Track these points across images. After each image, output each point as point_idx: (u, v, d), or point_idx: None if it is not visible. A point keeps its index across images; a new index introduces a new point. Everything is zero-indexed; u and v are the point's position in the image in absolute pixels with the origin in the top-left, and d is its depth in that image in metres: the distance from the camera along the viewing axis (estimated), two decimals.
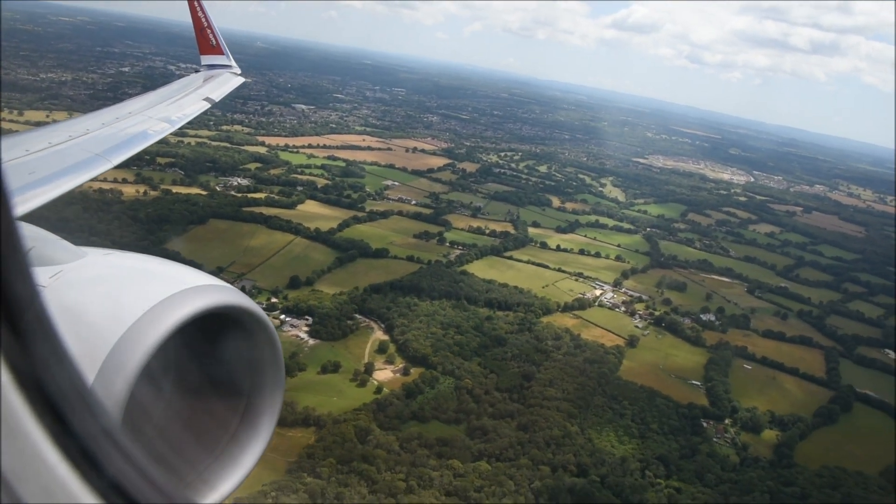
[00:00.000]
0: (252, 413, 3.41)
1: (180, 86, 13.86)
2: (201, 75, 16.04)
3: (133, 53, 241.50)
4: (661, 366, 69.92)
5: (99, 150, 7.55)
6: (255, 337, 3.31)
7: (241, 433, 3.39)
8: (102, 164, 7.27)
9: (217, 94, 14.12)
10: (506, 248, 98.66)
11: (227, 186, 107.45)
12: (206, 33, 17.12)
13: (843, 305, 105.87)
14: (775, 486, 51.30)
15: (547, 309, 78.00)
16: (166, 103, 11.60)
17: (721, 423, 61.27)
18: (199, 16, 17.09)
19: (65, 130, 7.97)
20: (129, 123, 9.49)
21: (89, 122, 8.73)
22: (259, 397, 3.41)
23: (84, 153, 7.32)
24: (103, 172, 7.32)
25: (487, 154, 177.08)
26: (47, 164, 6.49)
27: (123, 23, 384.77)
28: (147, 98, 11.70)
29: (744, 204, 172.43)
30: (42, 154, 6.79)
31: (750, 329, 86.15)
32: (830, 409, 66.57)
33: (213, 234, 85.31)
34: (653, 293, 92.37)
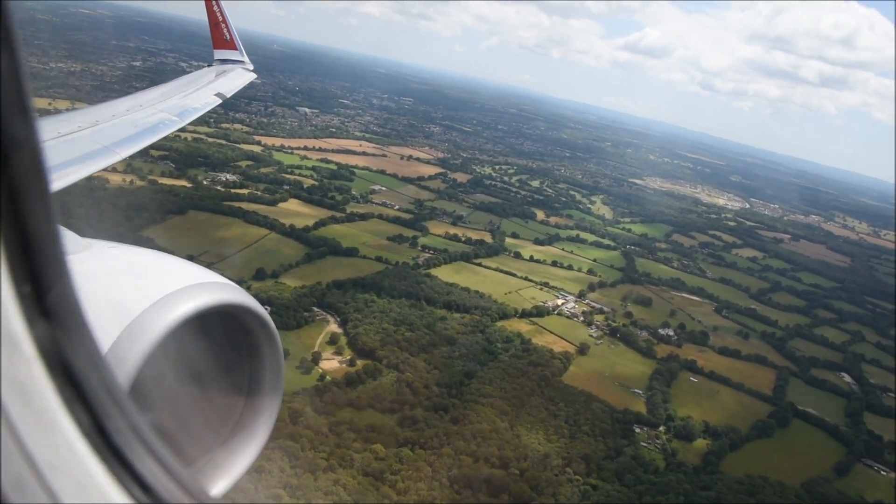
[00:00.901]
0: (254, 406, 3.52)
1: (192, 79, 13.95)
2: (213, 70, 16.04)
3: (147, 49, 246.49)
4: (606, 373, 71.90)
5: (108, 142, 7.60)
6: (256, 334, 3.40)
7: (246, 422, 3.50)
8: (111, 155, 7.33)
9: (229, 89, 14.11)
10: (477, 255, 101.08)
11: (214, 181, 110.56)
12: (221, 28, 17.11)
13: (809, 330, 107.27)
14: (692, 490, 53.15)
15: (504, 314, 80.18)
16: (177, 97, 11.66)
17: (655, 429, 63.18)
18: (214, 10, 17.14)
19: (75, 120, 8.06)
20: (140, 116, 9.50)
21: (99, 113, 8.76)
22: (260, 393, 3.52)
23: (93, 144, 7.37)
24: (111, 164, 7.36)
25: (482, 166, 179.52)
26: (56, 153, 6.53)
27: (144, 18, 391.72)
28: (158, 91, 11.83)
29: (732, 228, 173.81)
30: (51, 143, 6.83)
31: (707, 346, 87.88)
32: (767, 423, 68.35)
33: (189, 225, 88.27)
34: (616, 306, 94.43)
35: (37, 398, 1.44)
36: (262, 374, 3.51)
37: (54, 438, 1.46)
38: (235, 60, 16.97)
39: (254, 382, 3.53)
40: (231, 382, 3.53)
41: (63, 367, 1.49)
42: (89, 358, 1.60)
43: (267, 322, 3.38)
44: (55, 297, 1.49)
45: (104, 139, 7.60)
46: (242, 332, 3.40)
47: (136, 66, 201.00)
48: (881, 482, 63.74)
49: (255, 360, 3.49)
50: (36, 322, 1.44)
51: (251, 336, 3.41)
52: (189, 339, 3.16)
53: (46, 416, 1.45)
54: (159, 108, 10.18)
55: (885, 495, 60.69)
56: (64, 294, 1.54)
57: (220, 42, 16.98)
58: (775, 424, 68.60)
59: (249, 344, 3.44)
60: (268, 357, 3.48)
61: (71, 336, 1.53)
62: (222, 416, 3.51)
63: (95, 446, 1.52)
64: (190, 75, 14.75)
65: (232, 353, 3.49)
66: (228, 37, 17.02)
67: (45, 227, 1.44)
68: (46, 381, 1.45)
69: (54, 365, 1.47)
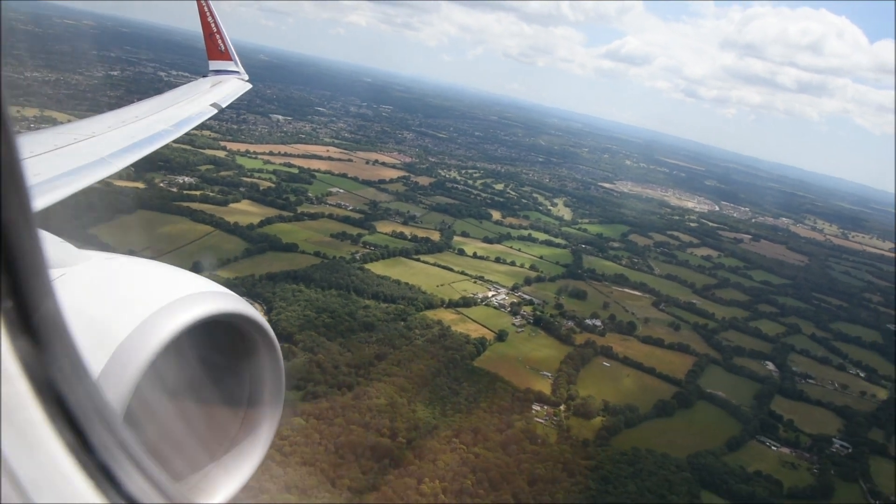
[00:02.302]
0: (252, 419, 3.47)
1: (187, 90, 14.10)
2: (209, 80, 16.14)
3: (127, 59, 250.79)
4: (519, 358, 75.45)
5: (104, 153, 7.63)
6: (256, 345, 3.36)
7: (242, 439, 3.44)
8: (106, 167, 7.36)
9: (224, 99, 14.27)
10: (418, 251, 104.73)
11: (170, 184, 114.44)
12: (215, 38, 17.19)
13: (745, 323, 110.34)
14: (571, 458, 56.70)
15: (430, 304, 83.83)
16: (173, 107, 11.77)
17: (555, 408, 66.73)
18: (208, 21, 17.21)
19: (70, 132, 8.14)
20: (135, 127, 9.55)
21: (95, 125, 8.84)
22: (259, 404, 3.48)
23: (89, 156, 7.40)
24: (108, 175, 7.40)
25: (449, 170, 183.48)
26: (52, 165, 6.56)
27: (128, 29, 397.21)
28: (154, 101, 11.96)
29: (692, 229, 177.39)
30: (47, 156, 6.86)
31: (632, 335, 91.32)
32: (668, 403, 71.88)
33: (136, 223, 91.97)
34: (549, 298, 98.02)
35: (20, 416, 1.42)
36: (261, 385, 3.46)
37: (38, 456, 1.44)
38: (230, 71, 17.18)
39: (253, 393, 3.47)
40: (230, 394, 3.48)
41: (47, 384, 1.47)
42: (74, 374, 1.58)
43: (266, 330, 3.34)
44: (38, 312, 1.47)
45: (100, 150, 7.69)
46: (241, 341, 3.37)
47: (114, 75, 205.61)
48: (769, 455, 67.31)
49: (254, 369, 3.44)
50: (19, 339, 1.42)
51: (250, 345, 3.38)
52: (187, 351, 3.15)
53: (30, 434, 1.43)
54: (155, 118, 10.40)
55: (769, 466, 64.26)
56: (47, 309, 1.51)
57: (214, 53, 17.19)
58: (676, 405, 72.11)
59: (249, 353, 3.40)
60: (267, 367, 3.44)
61: (55, 352, 1.51)
62: (220, 430, 3.46)
63: (81, 463, 1.50)
64: (185, 86, 14.99)
65: (231, 363, 3.45)
66: (223, 47, 17.25)
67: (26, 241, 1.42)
68: (30, 399, 1.43)
69: (38, 382, 1.45)
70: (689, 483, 57.09)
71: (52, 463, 1.46)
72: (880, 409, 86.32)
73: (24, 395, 1.43)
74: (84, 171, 6.84)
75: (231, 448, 3.44)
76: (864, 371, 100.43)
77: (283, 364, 3.50)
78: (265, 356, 3.41)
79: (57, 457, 1.46)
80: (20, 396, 1.42)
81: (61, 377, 1.51)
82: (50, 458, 1.45)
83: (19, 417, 1.41)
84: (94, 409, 1.58)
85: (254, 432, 3.46)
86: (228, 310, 3.14)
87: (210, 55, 17.10)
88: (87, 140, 8.00)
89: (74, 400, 1.52)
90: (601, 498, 52.14)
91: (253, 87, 16.10)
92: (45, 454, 1.45)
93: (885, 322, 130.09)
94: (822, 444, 71.98)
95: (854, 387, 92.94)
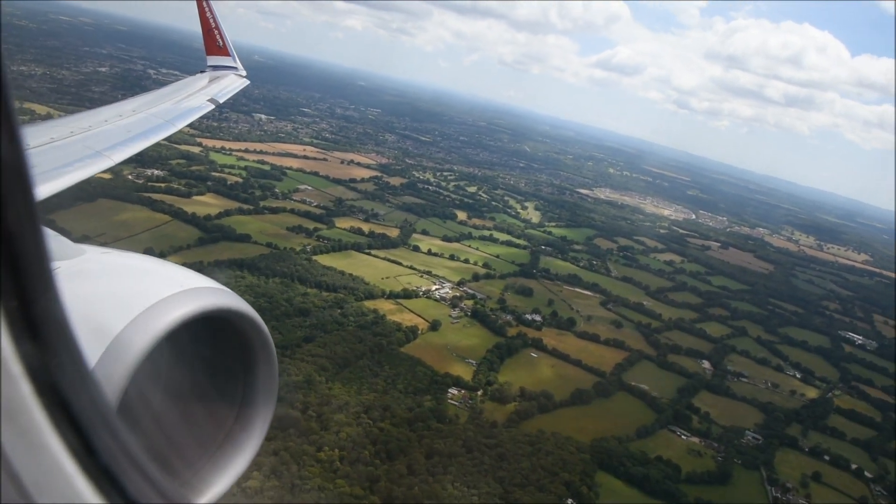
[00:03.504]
0: (246, 415, 3.50)
1: (185, 85, 14.18)
2: (206, 76, 16.19)
3: (119, 56, 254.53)
4: (447, 346, 78.68)
5: (100, 147, 7.63)
6: (250, 340, 3.38)
7: (235, 434, 3.46)
8: (103, 160, 7.37)
9: (222, 95, 14.28)
10: (371, 246, 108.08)
11: (138, 176, 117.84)
12: (214, 34, 17.29)
13: (691, 324, 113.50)
14: (473, 437, 59.88)
15: (371, 294, 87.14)
16: (170, 102, 11.81)
17: (472, 392, 69.92)
18: (207, 16, 17.29)
19: (67, 126, 8.12)
20: (132, 121, 9.60)
21: (91, 119, 8.87)
22: (253, 399, 3.50)
23: (86, 149, 7.41)
24: (104, 169, 7.41)
25: (424, 172, 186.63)
26: (49, 159, 6.56)
27: (125, 27, 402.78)
28: (151, 96, 12.00)
29: (660, 235, 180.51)
30: (44, 149, 6.89)
31: (570, 331, 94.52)
32: (587, 392, 75.01)
33: (95, 211, 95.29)
34: (494, 294, 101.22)
35: (23, 417, 1.42)
36: (255, 381, 3.49)
37: (41, 458, 1.44)
38: (228, 66, 17.26)
39: (247, 389, 3.50)
40: (224, 389, 3.49)
41: (50, 386, 1.47)
42: (76, 376, 1.59)
43: (260, 326, 3.37)
44: (42, 313, 1.46)
45: (97, 144, 7.68)
46: (236, 337, 3.38)
47: (102, 71, 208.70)
48: (677, 443, 70.46)
49: (248, 365, 3.47)
50: (22, 340, 1.42)
51: (245, 341, 3.40)
52: (181, 346, 3.23)
53: (33, 435, 1.43)
54: (152, 112, 10.42)
55: (674, 454, 67.34)
56: (51, 310, 1.51)
57: (212, 48, 17.25)
58: (594, 394, 75.23)
59: (243, 349, 3.42)
60: (261, 363, 3.47)
61: (58, 354, 1.51)
62: (213, 424, 3.47)
63: (83, 465, 1.51)
64: (183, 81, 15.05)
65: (225, 358, 3.46)
66: (221, 43, 17.31)
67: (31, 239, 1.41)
68: (33, 400, 1.43)
69: (41, 383, 1.45)
70: (586, 463, 60.16)
71: (55, 464, 1.47)
72: (805, 407, 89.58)
73: (27, 397, 1.43)
74: (80, 164, 6.90)
75: (225, 443, 3.46)
76: (801, 372, 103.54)
77: (276, 360, 3.53)
78: (259, 352, 3.43)
79: (59, 458, 1.47)
80: (23, 398, 1.42)
81: (64, 380, 1.51)
82: (52, 459, 1.46)
83: (22, 419, 1.42)
84: (96, 412, 1.60)
85: (248, 427, 3.48)
86: (223, 306, 3.17)
87: (208, 51, 17.31)
88: (83, 134, 8.04)
89: (77, 402, 1.53)
90: (493, 473, 55.22)
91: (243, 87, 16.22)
92: (48, 456, 1.46)
93: (838, 328, 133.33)
94: (734, 435, 75.08)
95: (786, 386, 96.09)
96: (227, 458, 3.43)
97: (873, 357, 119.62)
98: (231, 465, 3.42)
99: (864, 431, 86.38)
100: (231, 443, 3.45)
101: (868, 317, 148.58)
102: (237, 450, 3.45)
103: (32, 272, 1.44)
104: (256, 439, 3.51)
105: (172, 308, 2.95)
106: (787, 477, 69.10)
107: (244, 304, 3.32)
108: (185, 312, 2.96)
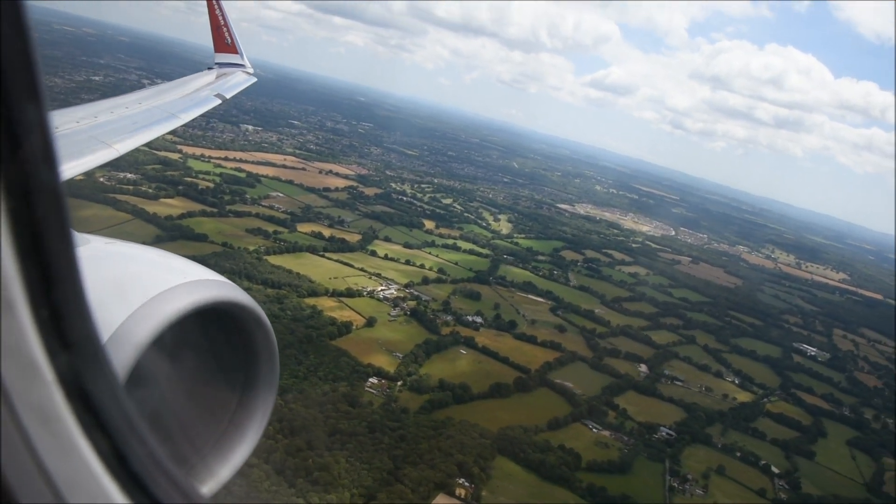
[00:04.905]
0: (247, 404, 3.59)
1: (193, 80, 14.41)
2: (214, 72, 16.46)
3: (116, 66, 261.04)
4: (379, 341, 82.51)
5: (106, 138, 7.75)
6: (251, 331, 3.45)
7: (238, 422, 3.56)
8: (108, 151, 7.50)
9: (229, 91, 14.51)
10: (327, 249, 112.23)
11: (110, 178, 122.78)
12: (222, 31, 17.52)
13: (639, 331, 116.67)
14: (378, 420, 63.68)
15: (314, 292, 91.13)
16: (177, 96, 11.93)
17: (392, 382, 73.71)
18: (216, 14, 17.60)
19: (73, 116, 8.27)
20: (138, 113, 9.65)
21: (98, 109, 8.95)
22: (254, 389, 3.60)
23: (90, 140, 7.57)
24: (108, 160, 7.53)
25: (402, 184, 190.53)
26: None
27: (128, 38, 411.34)
28: (158, 89, 12.21)
29: (631, 249, 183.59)
30: None
31: (509, 332, 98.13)
32: (506, 386, 78.55)
33: None
34: (441, 297, 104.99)
35: (56, 423, 1.48)
36: (257, 372, 3.57)
37: (72, 460, 1.50)
38: (236, 64, 17.55)
39: (248, 380, 3.58)
40: (225, 380, 3.57)
41: (80, 392, 1.53)
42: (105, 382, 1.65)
43: (261, 318, 3.44)
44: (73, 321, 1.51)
45: (102, 135, 7.72)
46: (237, 329, 3.43)
47: (96, 80, 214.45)
48: (587, 436, 73.83)
49: (249, 356, 3.53)
50: (55, 348, 1.47)
51: (246, 332, 3.45)
52: (183, 337, 3.26)
53: (65, 439, 1.50)
54: (158, 105, 10.53)
55: (580, 444, 70.62)
56: (81, 317, 1.55)
57: (221, 45, 17.56)
58: (514, 388, 78.80)
59: (245, 339, 3.48)
60: (263, 354, 3.54)
61: (88, 361, 1.57)
62: (216, 412, 3.54)
63: (111, 468, 1.57)
64: (190, 76, 15.30)
65: (227, 348, 3.52)
66: (229, 40, 17.59)
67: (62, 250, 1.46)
68: (65, 406, 1.49)
69: (72, 389, 1.51)
70: (485, 448, 63.68)
71: (85, 466, 1.53)
72: (732, 410, 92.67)
73: (59, 403, 1.48)
74: (86, 154, 6.97)
75: (229, 428, 3.55)
76: (740, 379, 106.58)
77: (277, 351, 3.62)
78: (261, 343, 3.51)
79: (89, 461, 1.53)
80: (56, 404, 1.48)
81: (93, 386, 1.57)
82: (83, 461, 1.52)
83: (55, 424, 1.48)
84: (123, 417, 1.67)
85: (249, 415, 3.59)
86: (226, 298, 3.24)
87: (217, 48, 17.59)
88: (89, 123, 8.08)
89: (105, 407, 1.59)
90: (389, 451, 58.95)
91: (235, 99, 16.03)
92: (78, 458, 1.52)
93: (793, 340, 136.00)
94: (648, 430, 78.39)
95: (720, 390, 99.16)
96: (232, 443, 3.51)
97: (822, 367, 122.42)
98: (236, 449, 3.51)
99: (788, 433, 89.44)
100: (235, 428, 3.53)
101: (828, 331, 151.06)
102: (241, 434, 3.54)
103: (63, 281, 1.49)
104: (257, 429, 3.62)
105: (175, 299, 2.99)
106: (691, 469, 72.33)
107: (246, 296, 3.40)
108: (186, 304, 3.01)
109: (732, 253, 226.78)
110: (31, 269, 1.42)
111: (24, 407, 1.43)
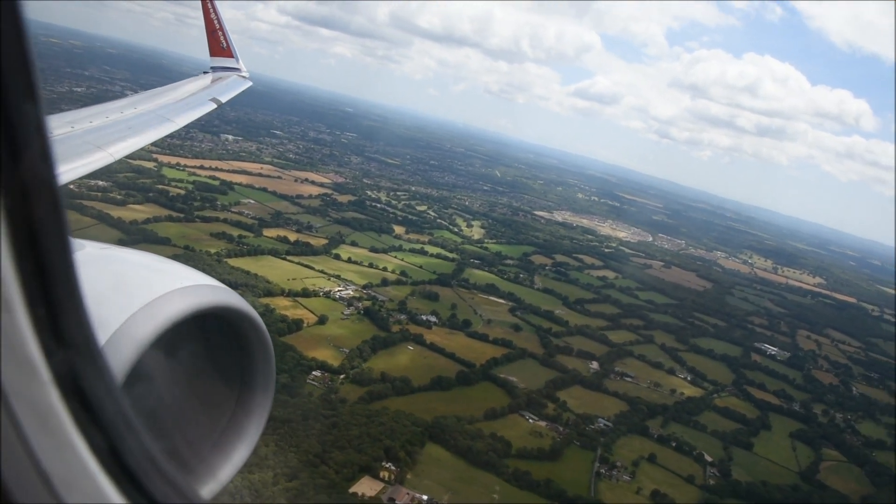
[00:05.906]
0: (245, 405, 3.63)
1: (188, 84, 14.44)
2: (209, 76, 16.47)
3: (101, 77, 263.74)
4: (328, 338, 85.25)
5: (101, 143, 7.80)
6: (248, 336, 3.50)
7: (236, 422, 3.60)
8: (104, 156, 7.54)
9: (224, 95, 14.47)
10: (290, 252, 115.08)
11: (80, 185, 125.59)
12: (217, 35, 17.56)
13: (597, 331, 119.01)
14: (314, 408, 66.42)
15: (269, 292, 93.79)
16: (173, 102, 11.93)
17: (335, 375, 76.43)
18: (211, 17, 17.58)
19: (68, 120, 8.36)
20: (134, 118, 9.77)
21: (93, 114, 9.12)
22: (250, 393, 3.63)
23: (85, 145, 7.59)
24: (104, 165, 7.58)
25: (378, 192, 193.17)
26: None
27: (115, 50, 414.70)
28: (154, 93, 12.18)
29: (603, 254, 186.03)
30: None
31: (463, 331, 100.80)
32: (448, 379, 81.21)
33: None
34: (399, 297, 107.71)
35: (52, 422, 1.48)
36: (252, 375, 3.60)
37: (69, 460, 1.50)
38: (231, 68, 17.54)
39: (245, 383, 3.62)
40: (222, 384, 3.60)
41: (76, 391, 1.53)
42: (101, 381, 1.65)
43: (257, 323, 3.50)
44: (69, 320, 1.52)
45: (98, 140, 7.83)
46: (233, 333, 3.46)
47: (78, 91, 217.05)
48: (523, 426, 76.42)
49: (246, 360, 3.57)
50: (51, 347, 1.47)
51: (241, 337, 3.48)
52: (179, 342, 3.28)
53: (61, 437, 1.50)
54: (154, 110, 10.53)
55: (514, 433, 73.16)
56: (77, 316, 1.56)
57: (216, 50, 17.55)
58: (456, 382, 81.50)
59: (241, 344, 3.51)
60: (259, 358, 3.59)
61: (85, 360, 1.58)
62: (214, 414, 3.57)
63: (107, 465, 1.58)
64: (186, 80, 15.27)
65: (222, 354, 3.55)
66: (225, 44, 17.59)
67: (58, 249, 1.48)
68: (62, 406, 1.49)
69: (68, 388, 1.51)
70: (415, 435, 66.34)
71: (81, 466, 1.53)
72: (678, 404, 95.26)
73: (56, 402, 1.48)
74: (81, 160, 6.98)
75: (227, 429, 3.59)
76: (693, 375, 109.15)
77: (273, 356, 3.67)
78: (257, 348, 3.57)
79: (85, 460, 1.53)
80: (52, 403, 1.48)
81: (90, 385, 1.57)
82: (79, 461, 1.53)
83: (51, 422, 1.48)
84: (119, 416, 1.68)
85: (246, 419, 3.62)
86: (222, 303, 3.26)
87: (212, 52, 17.54)
88: (84, 129, 8.06)
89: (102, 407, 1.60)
90: (319, 437, 61.62)
91: (220, 109, 15.53)
92: (75, 458, 1.52)
93: (755, 341, 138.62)
94: (585, 421, 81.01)
95: (668, 386, 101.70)
96: (232, 442, 3.58)
97: (779, 366, 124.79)
98: (236, 449, 3.58)
99: (731, 425, 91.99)
100: (234, 428, 3.59)
101: (792, 331, 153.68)
102: (240, 434, 3.60)
103: (59, 281, 1.50)
104: (254, 433, 3.67)
105: (171, 305, 3.01)
106: (622, 458, 74.95)
107: (242, 301, 3.47)
108: (182, 309, 3.03)
109: (708, 258, 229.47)
110: (28, 268, 1.42)
111: (21, 406, 1.43)
